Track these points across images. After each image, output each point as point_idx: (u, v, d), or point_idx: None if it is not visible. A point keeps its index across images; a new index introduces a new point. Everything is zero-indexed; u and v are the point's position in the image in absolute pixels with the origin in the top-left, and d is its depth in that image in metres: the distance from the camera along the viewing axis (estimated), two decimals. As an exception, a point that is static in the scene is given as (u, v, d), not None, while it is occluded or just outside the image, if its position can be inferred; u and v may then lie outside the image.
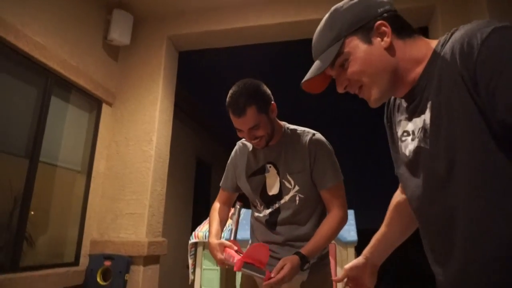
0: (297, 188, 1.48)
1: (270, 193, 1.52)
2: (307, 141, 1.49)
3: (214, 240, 1.46)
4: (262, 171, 1.53)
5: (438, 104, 0.72)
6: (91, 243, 3.05)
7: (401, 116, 0.88)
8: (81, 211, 3.04)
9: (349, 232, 2.75)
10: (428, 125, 0.75)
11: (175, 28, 3.48)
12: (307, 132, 1.53)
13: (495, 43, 0.64)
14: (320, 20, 0.89)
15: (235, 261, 1.35)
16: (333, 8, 0.85)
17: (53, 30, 2.73)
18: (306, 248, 1.37)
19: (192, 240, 3.12)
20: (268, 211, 1.53)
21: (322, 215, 1.52)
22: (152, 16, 3.51)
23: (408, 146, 0.82)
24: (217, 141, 6.85)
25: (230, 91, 1.42)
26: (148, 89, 3.35)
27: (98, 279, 2.83)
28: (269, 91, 1.47)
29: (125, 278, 2.82)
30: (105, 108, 3.31)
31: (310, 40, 0.91)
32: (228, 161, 1.68)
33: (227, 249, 1.40)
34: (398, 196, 1.08)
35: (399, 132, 0.87)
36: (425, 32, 3.21)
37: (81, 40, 3.03)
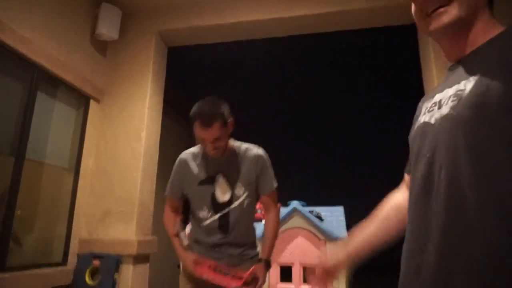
0: (246, 194, 1.76)
1: (221, 200, 1.74)
2: (254, 154, 1.78)
3: (185, 256, 1.74)
4: (212, 180, 1.76)
5: (485, 78, 0.71)
6: (80, 242, 3.00)
7: (429, 98, 0.89)
8: (69, 209, 2.99)
9: (339, 228, 2.78)
10: (466, 93, 0.73)
11: (164, 23, 3.43)
12: (253, 147, 1.82)
13: None
14: (310, 16, 0.88)
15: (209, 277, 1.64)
16: None
17: (40, 24, 2.67)
18: (265, 253, 1.74)
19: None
20: (217, 215, 1.75)
21: (254, 214, 1.89)
22: (141, 10, 3.45)
23: (435, 114, 0.80)
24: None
25: (198, 105, 1.66)
26: (137, 85, 3.30)
27: (87, 279, 2.79)
28: (228, 108, 1.71)
29: (115, 277, 2.78)
30: (93, 104, 3.25)
31: (301, 36, 0.90)
32: (173, 171, 1.89)
33: (198, 267, 1.66)
34: (399, 195, 1.04)
35: (424, 109, 0.88)
36: (414, 29, 3.23)
37: (68, 34, 2.96)
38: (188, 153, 1.88)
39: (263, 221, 3.44)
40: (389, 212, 1.04)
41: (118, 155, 3.16)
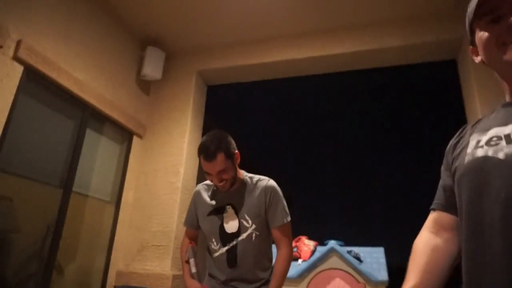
0: (254, 226, 1.72)
1: (229, 231, 1.72)
2: (264, 186, 1.76)
3: (191, 283, 1.72)
4: (221, 211, 1.75)
5: None
6: (117, 273, 3.05)
7: (481, 130, 0.84)
8: (109, 241, 3.08)
9: (379, 271, 2.64)
10: None
11: (204, 63, 3.62)
12: (263, 179, 1.81)
13: None
14: (344, 54, 0.90)
15: None
16: None
17: (92, 66, 2.91)
18: None
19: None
20: (225, 248, 1.72)
21: (269, 250, 1.82)
22: (182, 52, 3.67)
23: (504, 149, 0.74)
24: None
25: (203, 139, 1.68)
26: (177, 122, 3.45)
27: (122, 312, 2.81)
28: (233, 142, 1.73)
29: (149, 311, 2.78)
30: (135, 139, 3.42)
31: (335, 74, 0.93)
32: (190, 202, 1.90)
33: None
34: (432, 238, 0.94)
35: (474, 141, 0.83)
36: (453, 65, 3.18)
37: (116, 75, 3.20)
38: (202, 185, 1.90)
39: (299, 261, 3.34)
40: (429, 260, 0.91)
41: (157, 189, 3.26)
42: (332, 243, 3.34)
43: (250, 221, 1.72)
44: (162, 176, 3.29)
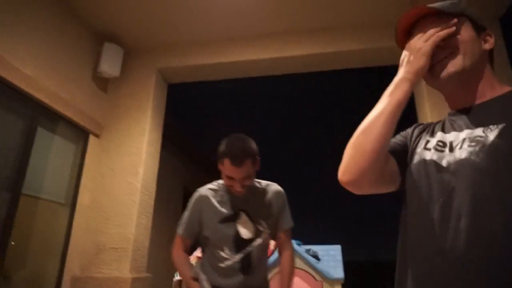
0: (268, 231, 1.72)
1: (245, 237, 1.67)
2: (275, 190, 1.78)
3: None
4: (235, 217, 1.68)
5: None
6: (72, 279, 2.93)
7: (430, 133, 0.90)
8: (63, 245, 2.94)
9: (336, 268, 2.73)
10: (489, 141, 0.74)
11: (165, 60, 3.55)
12: (272, 184, 1.82)
13: None
14: (303, 56, 0.94)
15: None
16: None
17: (44, 63, 2.76)
18: None
19: (177, 277, 3.03)
20: (238, 256, 1.66)
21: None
22: (142, 49, 3.58)
23: (446, 157, 0.80)
24: (206, 171, 6.81)
25: (228, 143, 1.60)
26: (136, 121, 3.36)
27: (78, 318, 2.70)
28: (257, 146, 1.67)
29: (106, 316, 2.69)
30: (92, 139, 3.29)
31: (294, 75, 0.96)
32: (189, 210, 1.74)
33: None
34: None
35: (423, 141, 0.89)
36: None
37: (71, 72, 3.06)
38: (207, 189, 1.76)
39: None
40: None
41: (115, 190, 3.16)
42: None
43: (265, 225, 1.71)
44: (121, 177, 3.20)
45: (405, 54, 0.90)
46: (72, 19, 3.11)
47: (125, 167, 3.22)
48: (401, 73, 0.88)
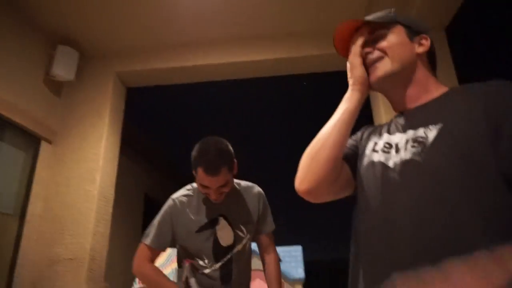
0: (248, 236, 1.63)
1: (224, 244, 1.57)
2: (255, 193, 1.68)
3: None
4: (213, 224, 1.57)
5: (449, 128, 0.77)
6: (22, 294, 2.74)
7: (378, 135, 0.94)
8: (11, 259, 2.75)
9: (296, 269, 2.77)
10: (430, 141, 0.77)
11: (123, 64, 3.45)
12: (252, 185, 1.71)
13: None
14: (263, 61, 0.96)
15: None
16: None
17: (-11, 64, 2.59)
18: None
19: (136, 285, 2.93)
20: (218, 265, 1.57)
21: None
22: (99, 52, 3.46)
23: (392, 158, 0.83)
24: (168, 177, 6.67)
25: (201, 149, 1.45)
26: (93, 126, 3.23)
27: (29, 336, 2.53)
28: (232, 150, 1.53)
29: (61, 332, 2.55)
30: (44, 145, 3.12)
31: (255, 79, 0.98)
32: (160, 219, 1.61)
33: None
34: None
35: (372, 143, 0.92)
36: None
37: (20, 75, 2.89)
38: (181, 197, 1.61)
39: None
40: None
41: (71, 198, 3.01)
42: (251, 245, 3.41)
43: (245, 231, 1.61)
44: (77, 184, 3.05)
45: (348, 67, 0.96)
46: (22, 20, 2.95)
47: (81, 174, 3.08)
48: (349, 85, 0.95)
